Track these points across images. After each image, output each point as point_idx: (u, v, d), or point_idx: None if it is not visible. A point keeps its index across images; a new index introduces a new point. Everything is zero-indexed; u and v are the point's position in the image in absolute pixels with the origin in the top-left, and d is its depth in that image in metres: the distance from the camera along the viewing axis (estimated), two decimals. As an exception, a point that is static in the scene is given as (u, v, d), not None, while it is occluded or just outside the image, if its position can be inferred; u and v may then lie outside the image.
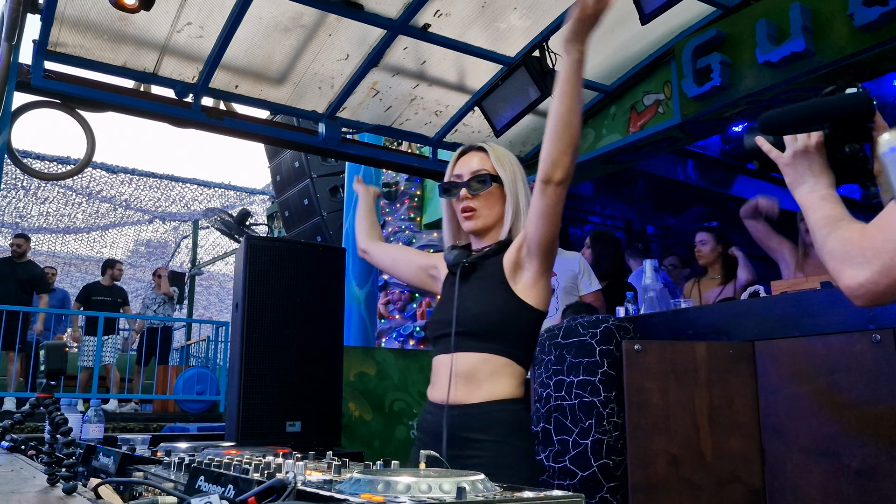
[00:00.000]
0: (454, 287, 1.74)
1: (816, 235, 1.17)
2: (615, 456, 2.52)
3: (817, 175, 1.21)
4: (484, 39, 3.36)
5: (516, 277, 1.66)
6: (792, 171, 1.23)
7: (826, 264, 1.14)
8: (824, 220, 1.15)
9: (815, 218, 1.18)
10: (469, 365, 1.64)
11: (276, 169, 7.68)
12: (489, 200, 1.75)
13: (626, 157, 4.22)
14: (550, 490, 0.86)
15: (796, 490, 2.28)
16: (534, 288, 1.66)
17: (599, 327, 2.65)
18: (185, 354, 11.04)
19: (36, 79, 2.96)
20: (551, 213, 1.56)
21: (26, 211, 11.62)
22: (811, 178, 1.21)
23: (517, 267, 1.66)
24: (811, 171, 1.21)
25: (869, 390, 2.12)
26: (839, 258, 1.10)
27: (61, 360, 1.42)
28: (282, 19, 3.07)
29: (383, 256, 2.12)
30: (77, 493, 1.05)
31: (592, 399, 2.59)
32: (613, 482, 2.50)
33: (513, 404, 1.63)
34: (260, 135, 3.65)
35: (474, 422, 1.60)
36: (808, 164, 1.21)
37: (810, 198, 1.20)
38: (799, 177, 1.22)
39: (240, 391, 2.84)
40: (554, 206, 1.55)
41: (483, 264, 1.73)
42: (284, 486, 0.85)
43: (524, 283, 1.66)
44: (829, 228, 1.14)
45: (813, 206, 1.19)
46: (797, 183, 1.23)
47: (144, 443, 2.04)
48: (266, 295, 2.97)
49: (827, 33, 3.04)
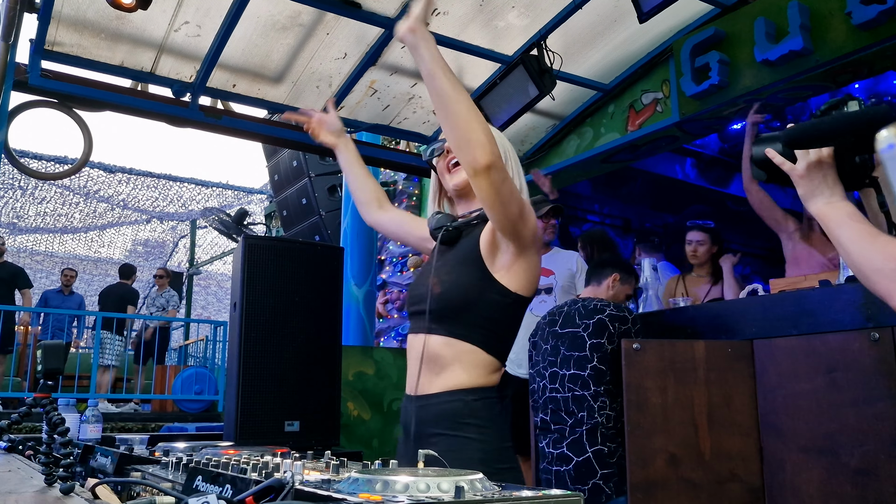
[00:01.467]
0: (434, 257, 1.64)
1: (852, 251, 1.17)
2: (610, 443, 2.58)
3: (832, 186, 1.23)
4: (482, 38, 3.36)
5: (494, 258, 1.54)
6: (807, 182, 1.25)
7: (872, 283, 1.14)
8: (859, 236, 1.16)
9: (845, 234, 1.18)
10: (433, 349, 1.55)
11: (273, 168, 7.67)
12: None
13: (625, 155, 4.22)
14: (549, 489, 0.86)
15: (795, 488, 2.28)
16: (512, 269, 1.53)
17: (593, 318, 2.70)
18: (183, 354, 11.03)
19: (33, 78, 2.95)
20: (496, 200, 1.44)
21: (23, 211, 11.59)
22: (826, 189, 1.23)
23: (493, 247, 1.54)
24: (826, 183, 1.23)
25: (867, 389, 2.12)
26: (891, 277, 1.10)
27: (59, 359, 1.41)
28: (279, 18, 3.06)
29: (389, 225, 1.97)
30: (74, 494, 1.05)
31: (583, 392, 2.65)
32: (607, 469, 2.56)
33: (468, 394, 1.51)
34: (258, 134, 3.64)
35: (429, 414, 1.53)
36: (822, 176, 1.23)
37: (830, 211, 1.22)
38: (815, 188, 1.24)
39: (238, 391, 2.84)
40: (493, 194, 1.43)
41: (466, 234, 1.63)
42: (282, 486, 0.84)
43: (501, 264, 1.54)
44: (869, 245, 1.14)
45: (838, 221, 1.20)
46: (812, 195, 1.24)
47: (142, 443, 2.04)
48: (264, 294, 2.96)
49: (825, 32, 3.04)
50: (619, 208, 7.64)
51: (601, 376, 2.65)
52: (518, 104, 3.40)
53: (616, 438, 2.60)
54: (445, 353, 1.53)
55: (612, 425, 2.62)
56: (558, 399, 2.73)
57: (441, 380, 1.53)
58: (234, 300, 3.03)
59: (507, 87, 3.41)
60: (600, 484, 2.56)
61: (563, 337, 2.77)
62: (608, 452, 2.59)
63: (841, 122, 1.21)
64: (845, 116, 1.21)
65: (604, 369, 2.65)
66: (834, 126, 1.21)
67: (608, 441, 2.60)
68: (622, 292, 3.07)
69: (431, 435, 1.51)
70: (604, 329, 2.69)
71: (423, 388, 1.56)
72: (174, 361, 10.42)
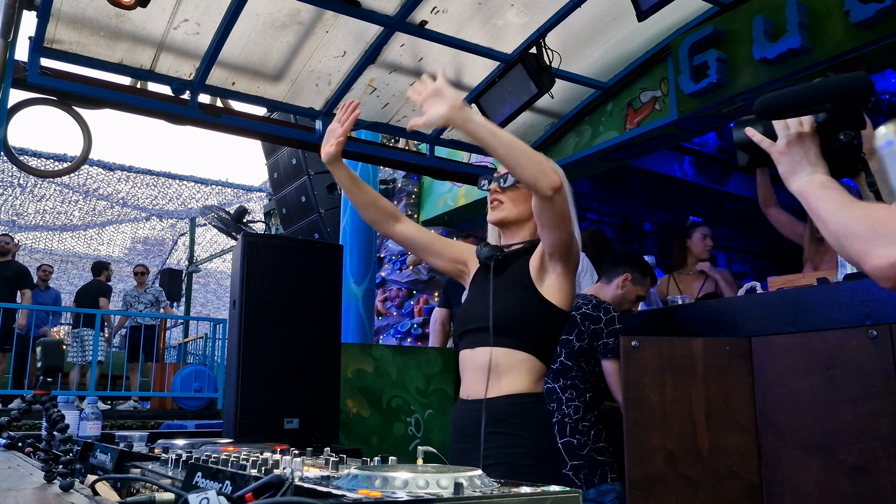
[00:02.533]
0: (485, 282, 1.84)
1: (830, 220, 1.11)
2: (579, 435, 2.67)
3: (813, 163, 1.17)
4: (481, 36, 3.36)
5: (542, 279, 1.77)
6: (787, 160, 1.19)
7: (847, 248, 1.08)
8: (837, 204, 1.11)
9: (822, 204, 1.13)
10: (493, 359, 1.74)
11: (273, 166, 7.67)
12: (514, 197, 1.88)
13: (623, 153, 4.22)
14: (548, 485, 0.86)
15: (793, 485, 2.28)
16: (559, 289, 1.76)
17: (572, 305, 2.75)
18: (182, 352, 11.03)
19: (32, 76, 2.95)
20: (559, 223, 1.66)
21: (23, 208, 11.58)
22: (808, 166, 1.18)
23: (542, 270, 1.76)
24: (807, 160, 1.18)
25: (865, 386, 2.13)
26: (866, 238, 1.04)
27: (58, 357, 1.41)
28: (279, 16, 3.06)
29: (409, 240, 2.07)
30: (74, 490, 1.05)
31: (553, 385, 2.77)
32: (576, 460, 2.63)
33: (525, 398, 1.71)
34: (257, 132, 3.64)
35: (490, 415, 1.68)
36: (803, 152, 1.18)
37: (809, 185, 1.16)
38: (795, 165, 1.19)
39: (237, 388, 2.84)
40: (557, 215, 1.64)
41: (512, 262, 1.84)
42: (282, 482, 0.85)
43: (549, 284, 1.76)
44: (846, 210, 1.09)
45: (815, 194, 1.15)
46: (792, 172, 1.19)
47: (142, 440, 2.04)
48: (263, 292, 2.96)
49: (823, 30, 3.05)
50: (618, 206, 7.64)
51: (567, 371, 2.75)
52: (517, 102, 3.40)
53: (588, 431, 2.68)
54: (504, 362, 1.74)
55: (581, 417, 2.69)
56: None
57: (500, 385, 1.73)
58: (233, 298, 3.03)
59: (506, 86, 3.41)
60: (570, 475, 2.62)
61: None
62: (577, 444, 2.66)
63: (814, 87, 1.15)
64: (819, 82, 1.16)
65: (570, 364, 2.76)
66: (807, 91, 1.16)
67: (577, 433, 2.67)
68: (633, 293, 3.02)
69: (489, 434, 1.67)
70: (574, 326, 2.77)
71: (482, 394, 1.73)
72: (173, 359, 10.42)
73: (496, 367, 1.74)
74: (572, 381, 2.74)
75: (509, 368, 1.73)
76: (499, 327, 1.75)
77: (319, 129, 3.60)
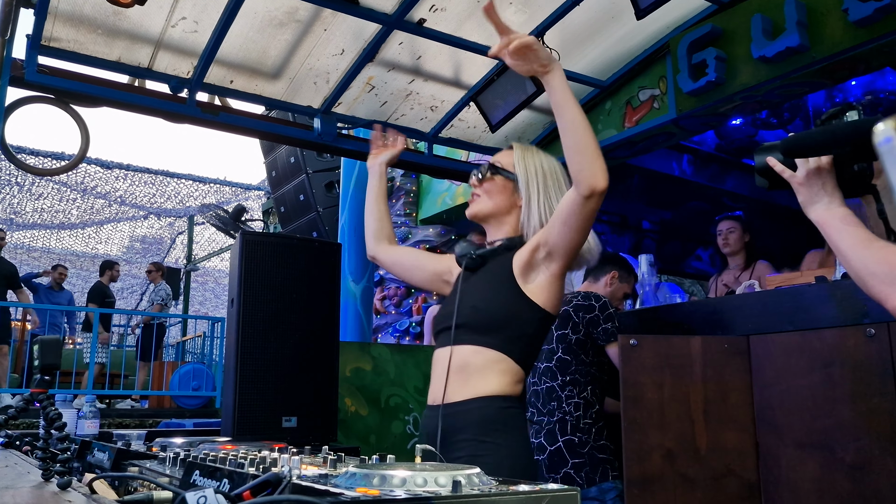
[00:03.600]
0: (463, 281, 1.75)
1: (850, 257, 1.20)
2: (580, 433, 2.66)
3: (830, 194, 1.26)
4: (479, 34, 3.35)
5: (528, 277, 1.65)
6: (806, 190, 1.28)
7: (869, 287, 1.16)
8: (856, 241, 1.19)
9: (843, 240, 1.21)
10: (461, 358, 1.62)
11: (271, 164, 7.67)
12: (491, 190, 1.81)
13: (622, 152, 4.22)
14: (546, 483, 0.86)
15: (790, 483, 2.29)
16: (547, 289, 1.66)
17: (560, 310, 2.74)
18: (181, 350, 11.02)
19: (29, 74, 2.94)
20: (583, 225, 1.57)
21: (20, 207, 11.57)
22: (825, 196, 1.26)
23: (529, 268, 1.65)
24: (825, 190, 1.26)
25: (863, 384, 2.13)
26: (886, 281, 1.12)
27: (56, 355, 1.41)
28: (277, 14, 3.06)
29: (394, 262, 2.06)
30: (71, 488, 1.05)
31: (552, 384, 2.76)
32: (577, 458, 2.64)
33: (498, 401, 1.57)
34: (255, 130, 3.63)
35: (458, 420, 1.57)
36: (821, 183, 1.27)
37: (828, 217, 1.25)
38: (813, 195, 1.27)
39: (236, 387, 2.84)
40: (587, 219, 1.56)
41: (492, 260, 1.74)
42: (279, 480, 0.85)
43: (538, 283, 1.65)
44: (866, 250, 1.17)
45: (836, 227, 1.23)
46: (811, 202, 1.28)
47: (140, 438, 2.04)
48: (262, 291, 2.96)
49: (822, 28, 3.05)
50: (616, 205, 7.64)
51: (566, 366, 2.75)
52: (515, 101, 3.40)
53: (589, 429, 2.68)
54: (474, 360, 1.60)
55: (582, 414, 2.70)
56: (538, 391, 2.83)
57: (470, 387, 1.59)
58: (231, 296, 3.03)
59: (504, 84, 3.41)
60: (571, 473, 2.62)
61: None
62: (578, 443, 2.66)
63: (838, 132, 1.24)
64: (842, 126, 1.24)
65: (568, 359, 2.75)
66: (830, 136, 1.25)
67: (578, 431, 2.68)
68: (620, 290, 3.11)
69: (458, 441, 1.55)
70: (567, 320, 2.77)
71: (451, 396, 1.61)
72: (172, 358, 10.41)
73: (465, 367, 1.61)
74: (572, 377, 2.74)
75: (480, 369, 1.59)
76: (470, 324, 1.63)
77: (318, 127, 3.60)
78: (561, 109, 1.55)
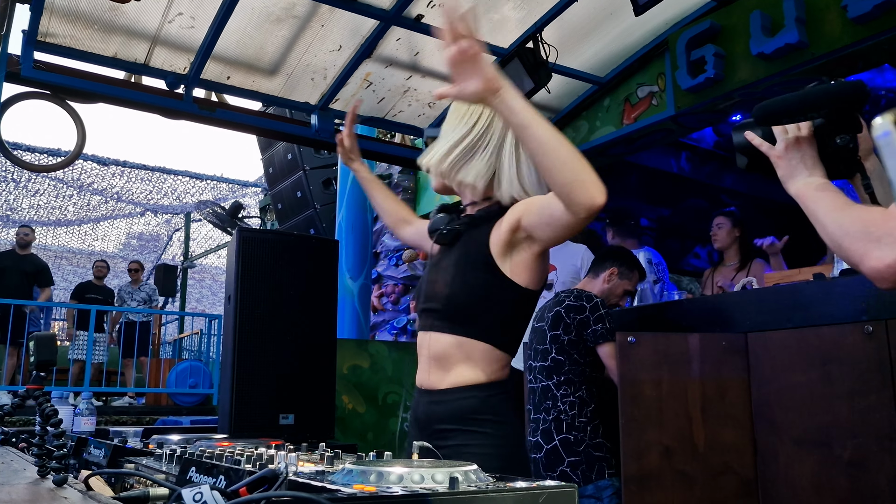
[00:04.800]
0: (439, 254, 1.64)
1: (826, 222, 1.14)
2: (576, 432, 2.67)
3: (810, 168, 1.21)
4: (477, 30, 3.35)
5: (507, 255, 1.51)
6: (785, 163, 1.23)
7: (844, 249, 1.11)
8: (832, 206, 1.14)
9: (819, 206, 1.16)
10: (442, 348, 1.55)
11: (268, 161, 7.65)
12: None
13: (620, 149, 4.21)
14: (543, 480, 0.86)
15: (788, 480, 2.29)
16: (528, 268, 1.52)
17: (553, 311, 2.82)
18: (177, 348, 11.01)
19: (26, 69, 2.93)
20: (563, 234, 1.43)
21: (17, 203, 11.55)
22: (804, 170, 1.21)
23: (509, 247, 1.51)
24: (804, 164, 1.21)
25: (860, 382, 2.13)
26: (862, 239, 1.07)
27: (51, 351, 1.40)
28: (274, 9, 3.05)
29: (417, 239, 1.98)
30: (67, 485, 1.04)
31: (548, 383, 2.77)
32: (574, 457, 2.64)
33: (482, 390, 1.50)
34: (252, 126, 3.63)
35: (442, 409, 1.53)
36: (800, 156, 1.22)
37: (806, 188, 1.19)
38: (792, 169, 1.22)
39: (233, 384, 2.84)
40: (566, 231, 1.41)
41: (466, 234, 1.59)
42: (276, 477, 0.84)
43: (518, 262, 1.51)
44: (841, 212, 1.12)
45: (812, 196, 1.18)
46: (790, 176, 1.23)
47: (136, 435, 2.03)
48: (259, 288, 2.96)
49: (821, 25, 3.04)
50: (614, 202, 7.64)
51: (560, 366, 2.76)
52: (513, 97, 3.39)
53: (584, 427, 2.69)
54: (456, 353, 1.53)
55: (577, 413, 2.70)
56: (534, 389, 2.85)
57: (451, 376, 1.52)
58: (228, 293, 3.02)
59: (502, 80, 3.40)
60: (567, 472, 2.63)
61: (536, 331, 2.90)
62: (574, 441, 2.67)
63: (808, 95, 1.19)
64: (813, 89, 1.19)
65: (562, 359, 2.76)
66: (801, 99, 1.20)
67: (573, 430, 2.68)
68: (620, 287, 3.03)
69: (446, 430, 1.51)
70: (559, 321, 2.78)
71: (433, 383, 1.56)
72: (169, 355, 10.40)
73: (446, 357, 1.53)
74: (566, 377, 2.74)
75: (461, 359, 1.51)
76: (448, 312, 1.54)
77: (315, 123, 3.59)
78: (529, 130, 1.35)
